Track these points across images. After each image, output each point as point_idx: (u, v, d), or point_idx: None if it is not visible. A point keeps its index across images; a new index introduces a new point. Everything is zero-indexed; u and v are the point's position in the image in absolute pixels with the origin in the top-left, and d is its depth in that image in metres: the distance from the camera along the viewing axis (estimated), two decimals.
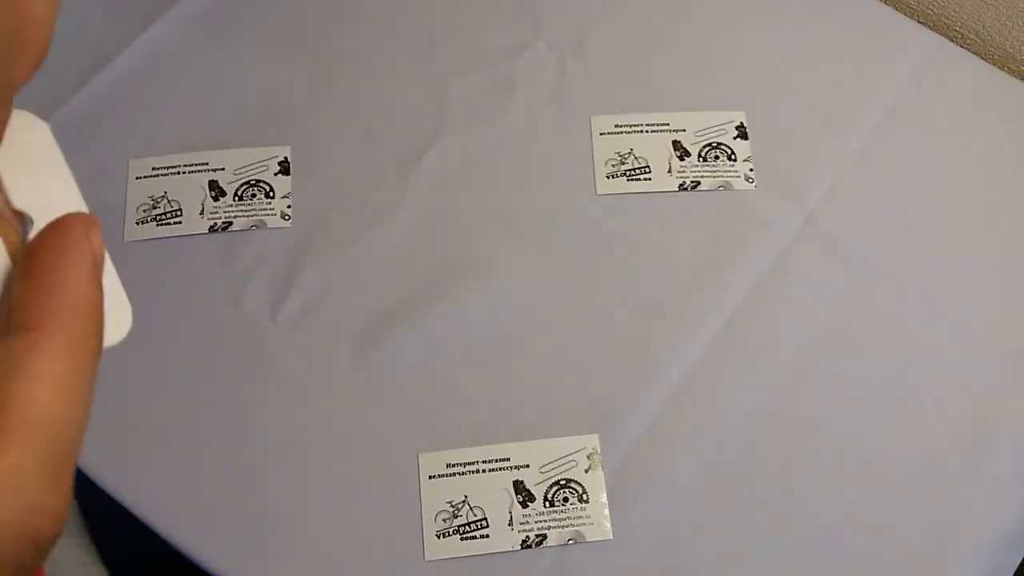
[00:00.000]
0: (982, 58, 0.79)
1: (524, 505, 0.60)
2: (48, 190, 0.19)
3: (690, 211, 0.70)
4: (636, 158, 0.72)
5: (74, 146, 0.72)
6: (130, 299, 0.20)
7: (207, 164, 0.71)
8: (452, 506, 0.60)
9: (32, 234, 0.18)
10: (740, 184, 0.71)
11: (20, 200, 0.18)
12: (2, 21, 0.16)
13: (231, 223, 0.69)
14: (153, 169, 0.71)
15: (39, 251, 0.17)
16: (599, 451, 0.62)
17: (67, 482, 0.17)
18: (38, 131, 0.19)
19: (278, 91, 0.75)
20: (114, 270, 0.19)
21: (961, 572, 0.59)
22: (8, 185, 0.18)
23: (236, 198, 0.70)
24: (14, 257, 0.18)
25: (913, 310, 0.67)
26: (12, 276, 0.18)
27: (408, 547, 0.59)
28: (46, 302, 0.17)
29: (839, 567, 0.60)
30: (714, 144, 0.73)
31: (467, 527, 0.59)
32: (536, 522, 0.60)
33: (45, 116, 0.20)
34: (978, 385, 0.65)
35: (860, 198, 0.71)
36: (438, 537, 0.59)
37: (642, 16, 0.78)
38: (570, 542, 0.59)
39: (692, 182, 0.71)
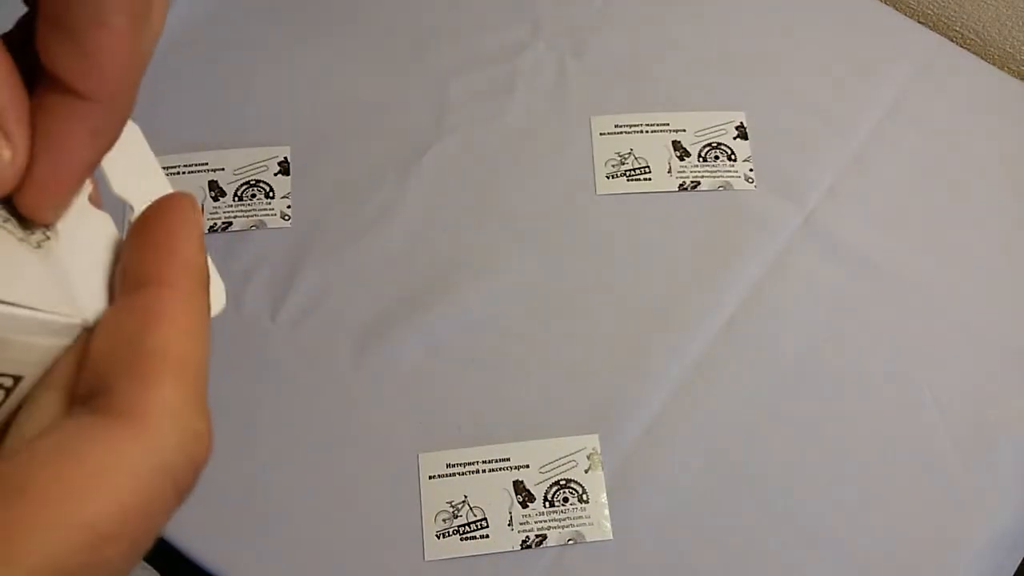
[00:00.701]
0: (982, 58, 0.79)
1: (524, 505, 0.60)
2: (142, 179, 0.21)
3: (690, 211, 0.70)
4: (636, 158, 0.72)
5: None
6: None
7: (207, 164, 0.71)
8: (452, 506, 0.60)
9: (133, 217, 0.20)
10: (740, 184, 0.71)
11: (120, 188, 0.21)
12: None
13: (231, 223, 0.69)
14: None
15: (154, 219, 0.20)
16: (599, 451, 0.62)
17: (207, 411, 0.19)
18: (128, 127, 0.21)
19: (278, 91, 0.75)
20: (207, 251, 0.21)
21: (961, 572, 0.59)
22: (108, 174, 0.20)
23: (236, 198, 0.70)
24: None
25: (913, 310, 0.67)
26: (122, 247, 0.20)
27: (408, 547, 0.59)
28: (166, 260, 0.19)
29: (839, 567, 0.60)
30: (714, 144, 0.73)
31: (467, 527, 0.59)
32: (536, 522, 0.60)
33: None
34: (978, 385, 0.65)
35: (860, 198, 0.71)
36: (438, 537, 0.59)
37: (642, 16, 0.78)
38: (570, 542, 0.59)
39: (692, 182, 0.71)
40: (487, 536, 0.59)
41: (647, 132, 0.73)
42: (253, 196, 0.70)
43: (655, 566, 0.59)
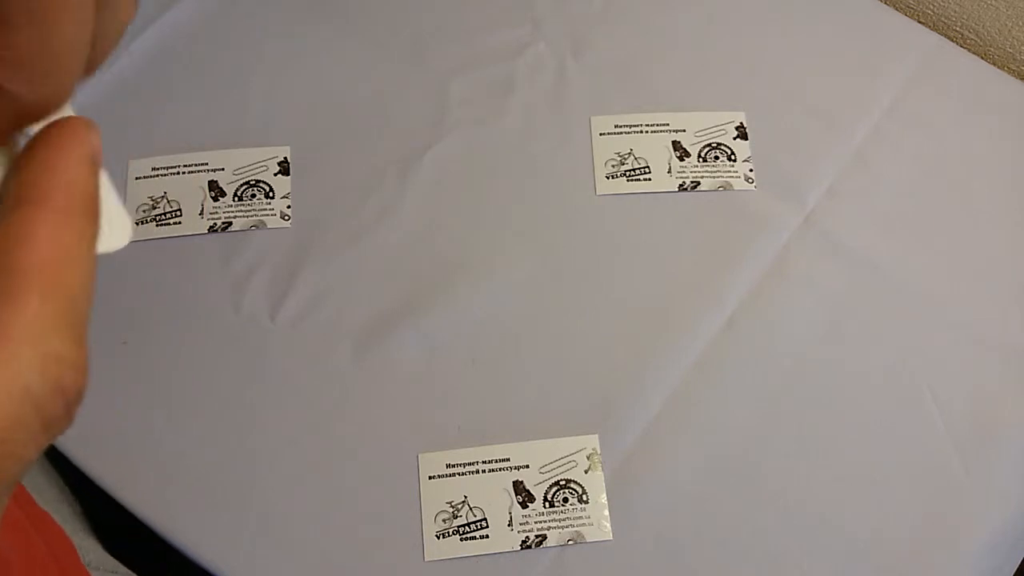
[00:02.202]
0: (982, 58, 0.79)
1: (524, 505, 0.60)
2: None
3: (690, 211, 0.70)
4: (636, 158, 0.72)
5: None
6: (130, 300, 0.20)
7: (207, 164, 0.71)
8: (452, 506, 0.60)
9: None
10: (740, 184, 0.71)
11: None
12: None
13: (231, 223, 0.69)
14: (153, 169, 0.71)
15: (43, 140, 0.19)
16: (599, 451, 0.62)
17: (84, 339, 0.18)
18: None
19: (278, 91, 0.75)
20: (111, 184, 0.20)
21: (961, 572, 0.59)
22: None
23: (236, 198, 0.70)
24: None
25: (913, 310, 0.67)
26: (9, 170, 0.19)
27: (408, 547, 0.59)
28: (47, 180, 0.18)
29: (839, 567, 0.60)
30: (714, 144, 0.73)
31: (467, 527, 0.59)
32: (536, 522, 0.60)
33: None
34: (978, 385, 0.65)
35: (860, 198, 0.71)
36: (438, 537, 0.59)
37: (642, 16, 0.78)
38: (570, 543, 0.59)
39: (692, 182, 0.71)
40: (487, 536, 0.59)
41: (647, 132, 0.73)
42: (253, 196, 0.70)
43: (655, 566, 0.59)
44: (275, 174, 0.71)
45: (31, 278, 0.17)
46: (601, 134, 0.73)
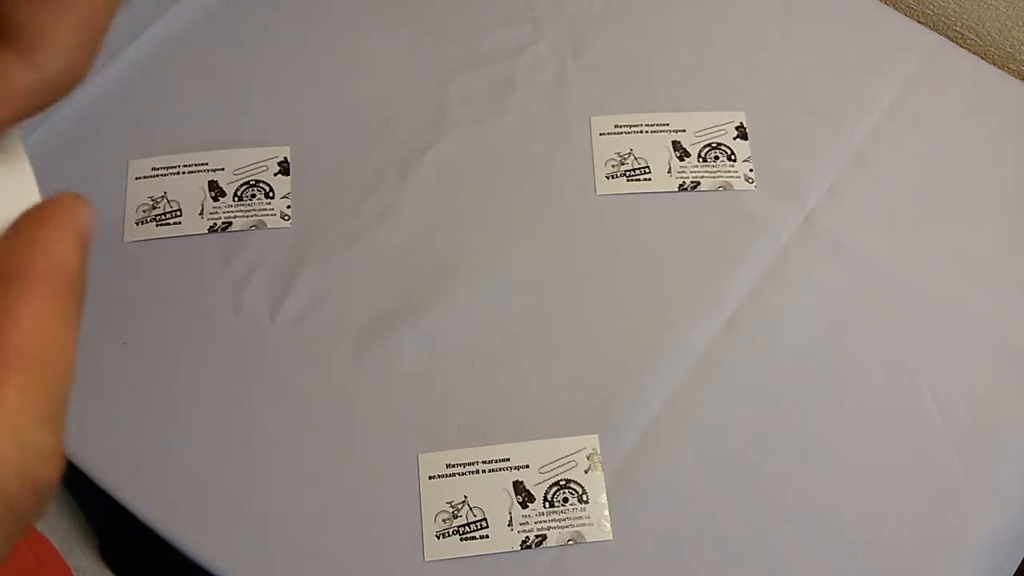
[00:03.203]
0: (982, 58, 0.79)
1: (524, 505, 0.60)
2: (8, 189, 0.20)
3: (690, 211, 0.70)
4: (636, 158, 0.72)
5: (74, 147, 0.72)
6: (130, 300, 0.20)
7: (207, 164, 0.71)
8: (452, 506, 0.60)
9: None
10: (740, 184, 0.71)
11: None
12: None
13: (231, 223, 0.69)
14: (153, 169, 0.71)
15: (33, 216, 0.18)
16: (599, 451, 0.62)
17: (61, 427, 0.17)
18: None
19: (278, 91, 0.75)
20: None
21: (961, 572, 0.59)
22: None
23: (236, 198, 0.70)
24: None
25: (913, 310, 0.67)
26: None
27: (408, 547, 0.59)
28: (33, 257, 0.17)
29: (838, 567, 0.60)
30: (714, 144, 0.73)
31: (467, 527, 0.59)
32: (536, 522, 0.60)
33: (45, 116, 0.20)
34: (978, 385, 0.65)
35: (859, 198, 0.71)
36: (438, 537, 0.59)
37: (642, 16, 0.78)
38: (570, 543, 0.59)
39: (692, 182, 0.71)
40: (487, 536, 0.59)
41: (647, 132, 0.73)
42: (253, 196, 0.70)
43: (655, 566, 0.59)
44: (275, 174, 0.71)
45: (12, 361, 0.16)
46: (601, 134, 0.73)
